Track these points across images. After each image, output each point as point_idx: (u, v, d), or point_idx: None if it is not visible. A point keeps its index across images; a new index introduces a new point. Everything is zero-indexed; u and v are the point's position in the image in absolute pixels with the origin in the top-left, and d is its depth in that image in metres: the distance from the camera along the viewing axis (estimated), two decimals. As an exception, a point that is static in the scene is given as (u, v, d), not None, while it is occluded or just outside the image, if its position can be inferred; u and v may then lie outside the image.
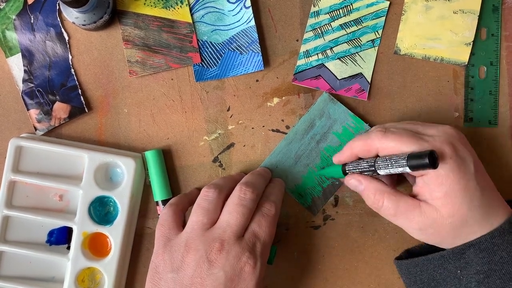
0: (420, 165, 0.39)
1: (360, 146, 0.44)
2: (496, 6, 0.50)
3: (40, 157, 0.50)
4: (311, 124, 0.50)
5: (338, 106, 0.50)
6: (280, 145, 0.51)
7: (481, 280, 0.41)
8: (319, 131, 0.50)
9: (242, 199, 0.44)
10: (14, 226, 0.50)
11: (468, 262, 0.41)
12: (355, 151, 0.45)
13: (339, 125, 0.50)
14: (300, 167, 0.50)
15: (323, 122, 0.50)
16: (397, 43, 0.50)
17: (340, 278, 0.51)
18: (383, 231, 0.51)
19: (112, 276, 0.49)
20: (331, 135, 0.50)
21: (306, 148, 0.50)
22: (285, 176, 0.51)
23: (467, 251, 0.41)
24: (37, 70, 0.51)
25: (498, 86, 0.50)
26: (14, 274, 0.50)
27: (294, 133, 0.51)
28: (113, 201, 0.49)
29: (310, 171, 0.50)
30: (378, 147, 0.42)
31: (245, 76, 0.51)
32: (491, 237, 0.41)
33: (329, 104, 0.50)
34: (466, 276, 0.42)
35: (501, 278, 0.41)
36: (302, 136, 0.50)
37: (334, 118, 0.50)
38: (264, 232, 0.44)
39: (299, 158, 0.50)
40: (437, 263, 0.43)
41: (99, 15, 0.47)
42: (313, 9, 0.51)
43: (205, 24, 0.51)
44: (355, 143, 0.44)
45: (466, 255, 0.41)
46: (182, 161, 0.51)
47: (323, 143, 0.50)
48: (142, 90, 0.51)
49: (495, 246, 0.41)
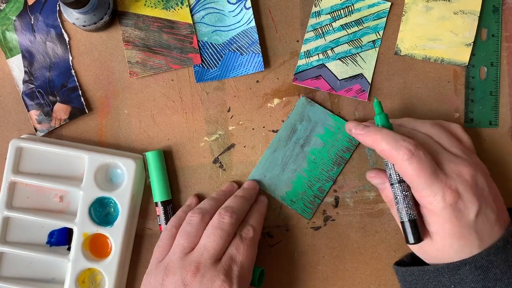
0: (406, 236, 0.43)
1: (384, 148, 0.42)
2: (497, 6, 0.50)
3: (41, 158, 0.50)
4: (292, 129, 0.50)
5: (316, 108, 0.50)
6: (266, 154, 0.51)
7: None
8: (301, 135, 0.50)
9: (220, 223, 0.45)
10: (15, 227, 0.50)
11: (463, 279, 0.42)
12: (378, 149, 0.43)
13: (320, 127, 0.50)
14: (288, 173, 0.51)
15: (304, 125, 0.50)
16: (397, 43, 0.50)
17: (341, 279, 0.51)
18: (384, 232, 0.51)
19: (112, 277, 0.49)
20: (314, 138, 0.50)
21: (291, 153, 0.50)
22: (274, 184, 0.51)
23: (462, 268, 0.42)
24: (38, 71, 0.51)
25: (499, 86, 0.50)
26: (15, 275, 0.50)
27: (278, 140, 0.51)
28: (113, 202, 0.49)
29: (299, 176, 0.50)
30: (397, 167, 0.42)
31: (246, 77, 0.51)
32: (486, 254, 0.41)
33: (307, 107, 0.50)
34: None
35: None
36: (286, 142, 0.51)
37: (315, 121, 0.50)
38: (241, 255, 0.44)
39: (286, 164, 0.50)
40: (432, 275, 0.43)
41: (100, 16, 0.47)
42: (314, 9, 0.51)
43: (205, 25, 0.51)
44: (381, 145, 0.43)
45: (461, 272, 0.42)
46: (183, 162, 0.51)
47: (307, 146, 0.50)
48: (142, 91, 0.51)
49: (490, 264, 0.41)
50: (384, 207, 0.51)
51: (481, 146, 0.51)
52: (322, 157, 0.50)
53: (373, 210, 0.51)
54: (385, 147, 0.42)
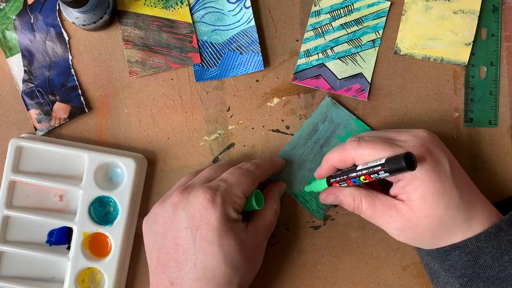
0: (398, 169, 0.38)
1: (336, 157, 0.44)
2: (496, 6, 0.50)
3: (40, 157, 0.50)
4: (314, 128, 0.50)
5: (340, 110, 0.50)
6: (284, 150, 0.51)
7: (464, 283, 0.42)
8: (322, 135, 0.50)
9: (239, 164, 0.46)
10: (14, 226, 0.50)
11: (453, 265, 0.42)
12: (332, 163, 0.45)
13: (342, 129, 0.50)
14: (304, 171, 0.50)
15: (326, 126, 0.50)
16: (397, 43, 0.50)
17: (340, 278, 0.51)
18: (383, 232, 0.51)
19: (112, 276, 0.49)
20: (335, 139, 0.50)
21: (310, 152, 0.50)
22: (289, 181, 0.51)
23: (452, 253, 0.42)
24: (37, 70, 0.51)
25: (499, 86, 0.50)
26: (14, 274, 0.50)
27: (298, 137, 0.51)
28: (113, 201, 0.49)
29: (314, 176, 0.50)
30: (354, 157, 0.43)
31: (245, 76, 0.51)
32: (476, 240, 0.41)
33: (332, 108, 0.50)
34: (450, 277, 0.42)
35: (484, 281, 0.41)
36: (306, 141, 0.50)
37: (337, 122, 0.50)
38: (233, 177, 0.44)
39: (303, 163, 0.50)
40: (427, 258, 0.44)
41: (99, 15, 0.47)
42: (314, 9, 0.51)
43: (205, 24, 0.51)
44: (331, 154, 0.45)
45: (451, 257, 0.42)
46: (182, 161, 0.51)
47: (327, 147, 0.50)
48: (142, 90, 0.51)
49: (480, 250, 0.41)
50: (383, 206, 0.51)
51: (481, 145, 0.51)
52: None
53: (373, 209, 0.51)
54: (334, 154, 0.44)
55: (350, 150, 0.43)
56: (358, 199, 0.44)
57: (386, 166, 0.39)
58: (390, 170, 0.39)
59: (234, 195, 0.43)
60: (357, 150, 0.42)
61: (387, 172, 0.39)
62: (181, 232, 0.42)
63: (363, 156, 0.42)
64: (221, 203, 0.41)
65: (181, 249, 0.41)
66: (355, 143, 0.43)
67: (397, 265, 0.51)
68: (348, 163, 0.44)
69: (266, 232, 0.46)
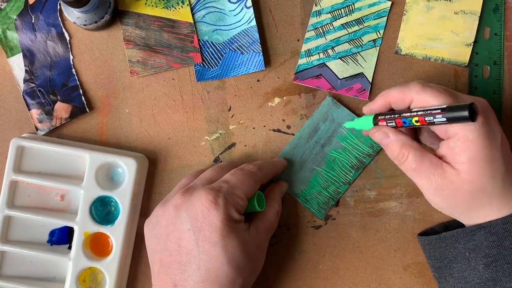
0: (458, 118, 0.37)
1: (395, 94, 0.42)
2: (498, 5, 0.50)
3: (42, 157, 0.50)
4: (315, 128, 0.50)
5: (341, 110, 0.50)
6: (285, 150, 0.51)
7: (489, 263, 0.41)
8: (323, 135, 0.50)
9: (240, 166, 0.46)
10: (16, 226, 0.50)
11: (478, 245, 0.41)
12: (388, 99, 0.43)
13: (343, 129, 0.50)
14: (306, 171, 0.50)
15: (327, 126, 0.50)
16: (398, 43, 0.50)
17: (341, 278, 0.51)
18: (384, 231, 0.51)
19: (113, 276, 0.49)
20: (336, 139, 0.50)
21: (311, 152, 0.50)
22: (290, 180, 0.51)
23: (477, 233, 0.41)
24: (38, 70, 0.51)
25: (502, 85, 0.50)
26: (16, 274, 0.50)
27: (299, 137, 0.51)
28: (114, 201, 0.49)
29: (316, 175, 0.50)
30: (414, 98, 0.41)
31: (246, 76, 0.51)
32: (503, 222, 0.40)
33: (333, 108, 0.50)
34: (474, 258, 0.42)
35: (509, 263, 0.41)
36: (307, 141, 0.50)
37: (338, 122, 0.50)
38: (235, 179, 0.44)
39: (305, 162, 0.50)
40: (449, 242, 0.43)
41: (100, 15, 0.47)
42: (315, 8, 0.51)
43: (206, 24, 0.51)
44: (390, 91, 0.43)
45: (476, 237, 0.41)
46: (183, 161, 0.51)
47: (328, 147, 0.50)
48: (143, 90, 0.51)
49: (506, 232, 0.41)
50: (384, 206, 0.51)
51: (482, 145, 0.50)
52: (341, 160, 0.50)
53: (374, 209, 0.51)
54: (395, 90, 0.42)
55: (413, 90, 0.41)
56: (406, 148, 0.42)
57: (447, 114, 0.37)
58: (449, 117, 0.37)
59: (236, 197, 0.43)
60: (420, 92, 0.40)
61: (445, 118, 0.37)
62: (184, 234, 0.41)
63: (425, 98, 0.40)
64: (223, 205, 0.41)
65: (184, 251, 0.41)
66: (420, 86, 0.41)
67: (398, 265, 0.51)
68: (405, 103, 0.42)
69: (267, 233, 0.46)
